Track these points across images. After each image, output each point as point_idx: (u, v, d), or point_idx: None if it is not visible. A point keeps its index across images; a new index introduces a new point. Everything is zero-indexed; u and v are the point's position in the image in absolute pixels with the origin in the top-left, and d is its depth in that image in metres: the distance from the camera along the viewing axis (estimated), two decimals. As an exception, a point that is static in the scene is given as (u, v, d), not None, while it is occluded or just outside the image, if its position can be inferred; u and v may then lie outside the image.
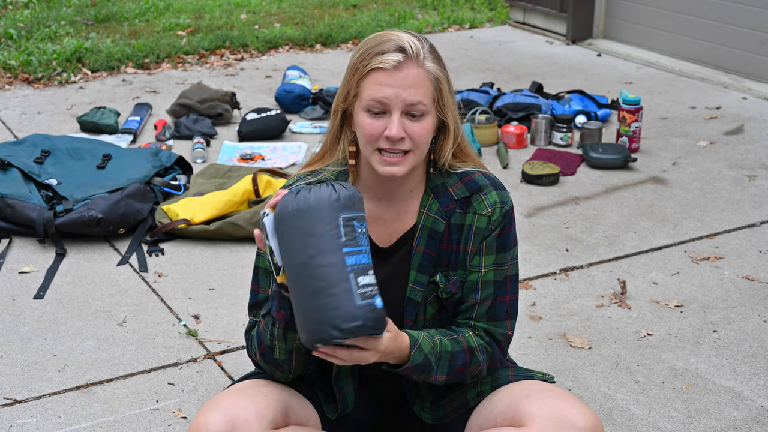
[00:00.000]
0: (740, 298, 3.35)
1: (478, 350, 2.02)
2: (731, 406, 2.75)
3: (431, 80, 1.93)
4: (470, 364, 2.01)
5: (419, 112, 1.91)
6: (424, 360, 1.94)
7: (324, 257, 1.75)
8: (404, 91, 1.89)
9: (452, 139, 2.00)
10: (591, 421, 1.93)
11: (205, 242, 3.78)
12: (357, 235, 1.77)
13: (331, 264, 1.74)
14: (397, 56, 1.89)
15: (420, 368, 1.95)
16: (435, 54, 1.96)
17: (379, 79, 1.90)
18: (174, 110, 5.12)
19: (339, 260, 1.74)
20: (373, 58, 1.90)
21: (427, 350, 1.94)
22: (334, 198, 1.77)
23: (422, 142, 1.94)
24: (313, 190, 1.78)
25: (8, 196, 3.82)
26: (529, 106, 4.96)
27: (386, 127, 1.91)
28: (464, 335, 2.02)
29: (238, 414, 1.93)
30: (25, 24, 7.03)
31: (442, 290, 2.04)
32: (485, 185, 2.04)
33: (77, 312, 3.29)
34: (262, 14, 7.59)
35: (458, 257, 2.04)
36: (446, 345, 1.98)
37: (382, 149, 1.93)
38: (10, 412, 2.74)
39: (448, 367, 1.98)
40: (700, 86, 5.74)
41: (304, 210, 1.76)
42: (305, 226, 1.76)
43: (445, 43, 6.79)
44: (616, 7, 6.61)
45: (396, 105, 1.90)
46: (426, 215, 2.03)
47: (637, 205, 4.12)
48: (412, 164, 1.95)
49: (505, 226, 2.04)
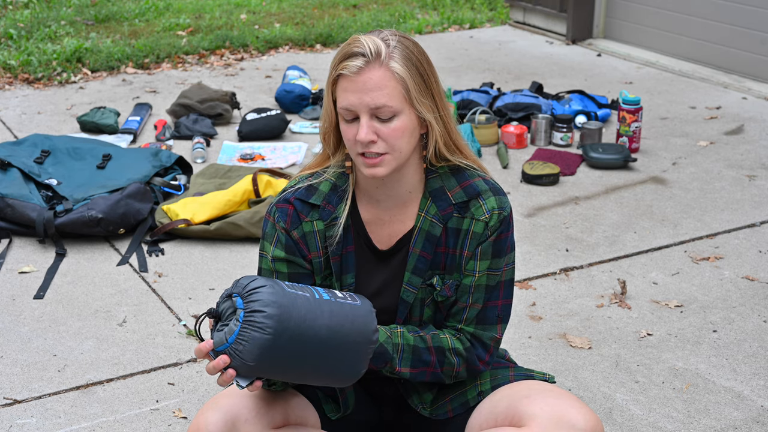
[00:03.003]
0: (740, 298, 3.35)
1: (450, 353, 2.02)
2: (731, 406, 2.75)
3: (397, 80, 1.90)
4: (442, 364, 2.02)
5: (386, 115, 1.90)
6: (379, 348, 1.95)
7: (319, 314, 1.87)
8: (366, 96, 1.89)
9: (435, 135, 1.98)
10: (591, 421, 1.93)
11: (205, 242, 3.78)
12: (304, 288, 1.93)
13: (323, 310, 1.88)
14: (357, 61, 1.89)
15: (377, 357, 1.96)
16: (405, 51, 1.91)
17: (344, 85, 1.91)
18: (174, 110, 5.12)
19: (324, 303, 1.89)
20: (338, 64, 1.91)
21: (382, 339, 1.97)
22: (277, 310, 1.83)
23: (397, 143, 1.93)
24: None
25: (8, 196, 3.82)
26: (529, 106, 4.96)
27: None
28: (435, 335, 2.03)
29: (238, 413, 1.93)
30: (25, 24, 7.03)
31: (438, 293, 2.04)
32: (484, 190, 2.03)
33: (77, 312, 3.29)
34: (262, 14, 7.59)
35: (454, 261, 2.04)
36: (408, 338, 2.00)
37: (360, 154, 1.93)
38: (10, 412, 2.74)
39: (412, 360, 1.99)
40: (700, 86, 5.74)
41: (286, 330, 1.83)
42: (293, 329, 1.84)
43: (445, 43, 6.80)
44: (616, 7, 6.61)
45: (361, 110, 1.90)
46: (424, 218, 2.03)
47: (637, 205, 4.13)
48: (392, 165, 1.94)
49: (502, 232, 2.03)
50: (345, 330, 1.86)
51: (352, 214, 2.05)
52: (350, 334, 1.86)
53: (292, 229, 2.02)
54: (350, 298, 1.92)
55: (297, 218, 2.02)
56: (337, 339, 1.85)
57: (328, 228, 2.02)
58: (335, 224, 2.02)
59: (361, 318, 1.89)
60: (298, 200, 2.03)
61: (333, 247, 2.02)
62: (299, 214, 2.02)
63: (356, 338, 1.87)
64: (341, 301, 1.88)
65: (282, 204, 2.03)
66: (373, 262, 2.06)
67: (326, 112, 1.99)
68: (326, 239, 2.03)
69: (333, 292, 1.91)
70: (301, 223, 2.02)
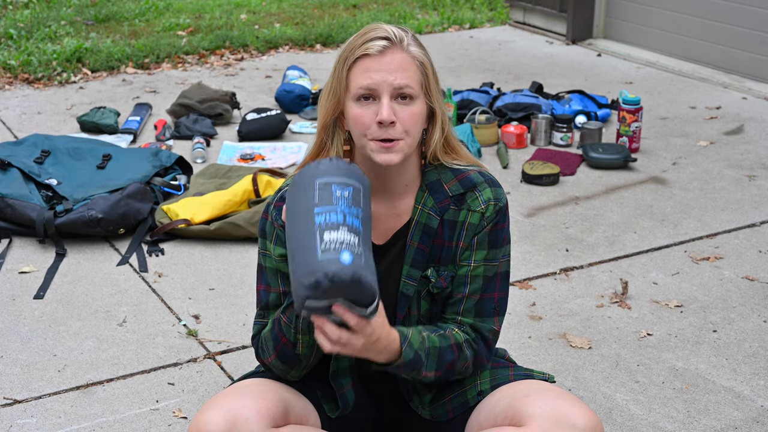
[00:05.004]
0: (740, 298, 3.35)
1: (465, 345, 2.03)
2: (731, 406, 2.75)
3: (417, 65, 1.95)
4: (459, 360, 2.02)
5: (408, 95, 1.93)
6: (414, 356, 1.94)
7: (297, 221, 1.79)
8: (391, 75, 1.92)
9: (439, 128, 2.01)
10: (591, 421, 1.93)
11: (205, 242, 3.78)
12: (334, 196, 1.79)
13: (302, 225, 1.78)
14: (381, 42, 1.93)
15: (411, 364, 1.94)
16: (418, 42, 1.99)
17: (366, 65, 1.93)
18: (174, 110, 5.12)
19: (309, 221, 1.77)
20: (358, 47, 1.94)
21: (417, 346, 1.95)
22: (314, 166, 1.83)
23: (413, 128, 1.95)
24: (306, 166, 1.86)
25: (8, 196, 3.82)
26: (529, 106, 4.96)
27: (377, 114, 1.92)
28: (451, 330, 2.03)
29: (238, 413, 1.93)
30: (25, 24, 7.04)
31: (433, 285, 2.05)
32: (480, 182, 2.05)
33: (77, 312, 3.29)
34: (262, 14, 7.59)
35: (449, 253, 2.05)
36: (434, 341, 1.99)
37: (375, 139, 1.94)
38: (10, 412, 2.74)
39: (437, 362, 1.98)
40: (700, 86, 5.74)
41: (293, 185, 1.84)
42: (292, 200, 1.83)
43: (445, 43, 6.80)
44: (616, 7, 6.61)
45: (384, 89, 1.92)
46: (421, 211, 2.04)
47: (637, 205, 4.13)
48: (405, 151, 1.96)
49: (498, 223, 2.04)
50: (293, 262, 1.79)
51: None
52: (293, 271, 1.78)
53: None
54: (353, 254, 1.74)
55: None
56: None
57: None
58: None
59: (297, 275, 1.75)
60: None
61: None
62: None
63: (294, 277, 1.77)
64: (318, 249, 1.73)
65: (279, 202, 2.04)
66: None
67: (333, 99, 1.98)
68: None
69: (338, 231, 1.76)
70: None
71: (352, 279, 1.72)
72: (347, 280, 1.72)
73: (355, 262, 1.73)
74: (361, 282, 1.73)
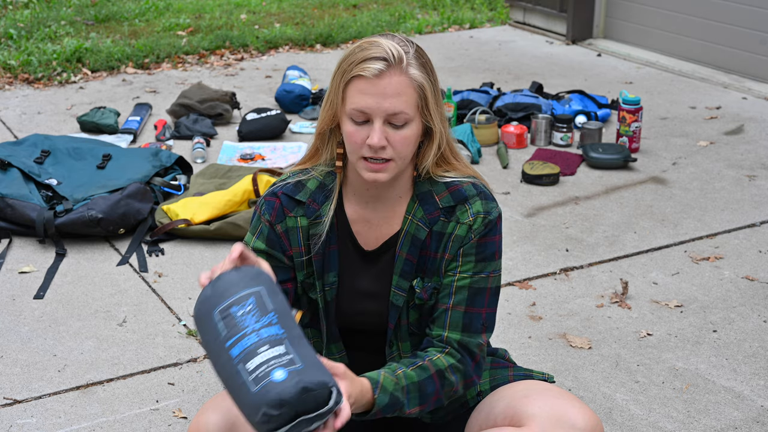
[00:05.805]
0: (740, 298, 3.35)
1: (449, 371, 1.97)
2: (731, 406, 2.75)
3: (414, 87, 1.90)
4: (443, 387, 1.97)
5: (401, 122, 1.90)
6: (391, 399, 1.88)
7: (216, 360, 1.69)
8: (385, 101, 1.88)
9: (436, 146, 1.98)
10: (591, 421, 1.93)
11: (205, 242, 3.78)
12: (237, 319, 1.68)
13: (223, 364, 1.68)
14: (378, 65, 1.87)
15: (389, 408, 1.89)
16: (421, 59, 1.93)
17: (360, 87, 1.89)
18: (174, 110, 5.12)
19: (226, 358, 1.67)
20: (356, 65, 1.89)
21: (391, 388, 1.89)
22: (208, 295, 1.71)
23: (404, 151, 1.93)
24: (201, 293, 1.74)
25: (8, 196, 3.82)
26: (529, 106, 4.96)
27: (368, 136, 1.90)
28: (431, 359, 1.97)
29: (237, 414, 1.92)
30: (25, 24, 7.04)
31: (417, 295, 2.03)
32: (471, 195, 2.01)
33: (77, 312, 3.29)
34: (262, 14, 7.59)
35: (434, 264, 2.02)
36: (411, 376, 1.93)
37: (365, 158, 1.93)
38: (10, 412, 2.75)
39: (419, 397, 1.93)
40: (700, 86, 5.74)
41: (197, 320, 1.74)
42: (203, 338, 1.73)
43: (445, 43, 6.80)
44: (616, 7, 6.61)
45: (377, 114, 1.89)
46: (410, 221, 2.02)
47: (637, 205, 4.13)
48: (395, 171, 1.94)
49: (486, 235, 2.00)
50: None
51: (338, 213, 2.05)
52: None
53: (276, 223, 2.03)
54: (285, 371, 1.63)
55: (282, 212, 2.03)
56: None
57: (312, 226, 2.02)
58: (319, 222, 2.02)
59: (246, 415, 1.65)
60: (285, 195, 2.04)
61: (318, 246, 2.02)
62: (284, 209, 2.03)
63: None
64: (243, 376, 1.63)
65: (270, 197, 2.05)
66: (358, 262, 2.06)
67: (330, 110, 1.97)
68: (310, 237, 2.03)
69: (258, 354, 1.64)
70: (285, 218, 2.03)
71: (297, 392, 1.61)
72: (294, 396, 1.61)
73: (290, 374, 1.62)
74: (308, 389, 1.62)
